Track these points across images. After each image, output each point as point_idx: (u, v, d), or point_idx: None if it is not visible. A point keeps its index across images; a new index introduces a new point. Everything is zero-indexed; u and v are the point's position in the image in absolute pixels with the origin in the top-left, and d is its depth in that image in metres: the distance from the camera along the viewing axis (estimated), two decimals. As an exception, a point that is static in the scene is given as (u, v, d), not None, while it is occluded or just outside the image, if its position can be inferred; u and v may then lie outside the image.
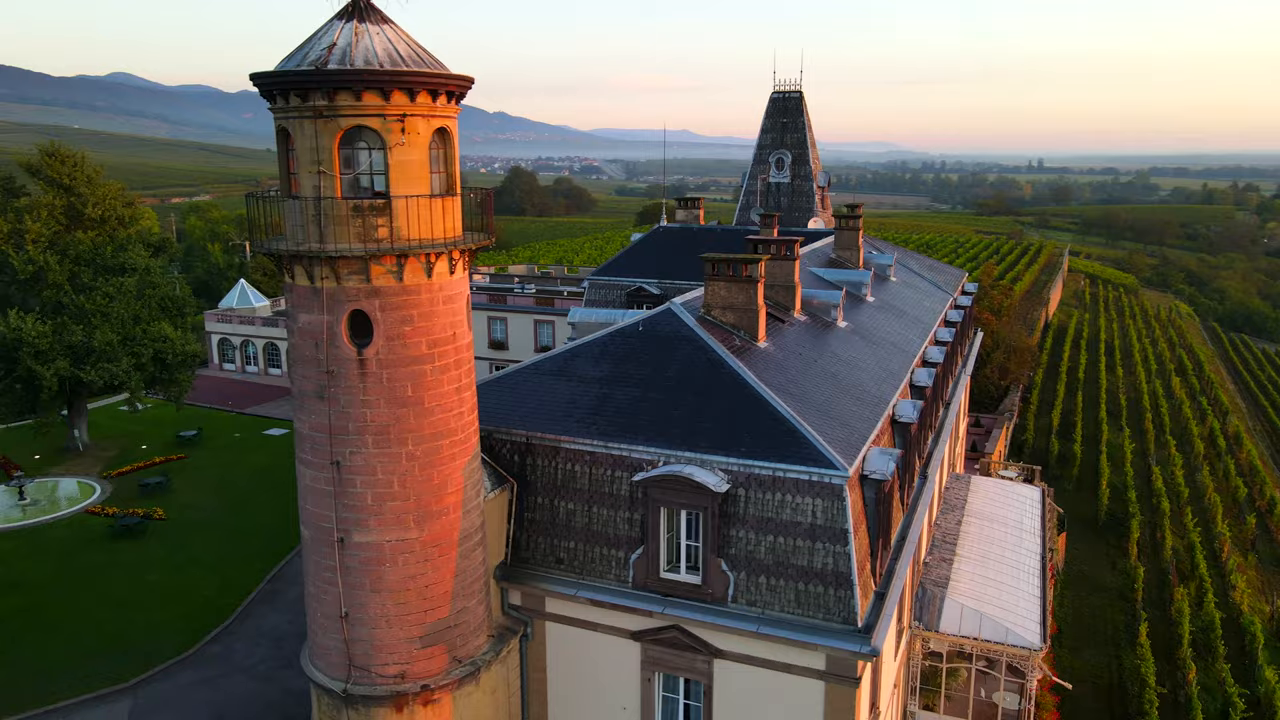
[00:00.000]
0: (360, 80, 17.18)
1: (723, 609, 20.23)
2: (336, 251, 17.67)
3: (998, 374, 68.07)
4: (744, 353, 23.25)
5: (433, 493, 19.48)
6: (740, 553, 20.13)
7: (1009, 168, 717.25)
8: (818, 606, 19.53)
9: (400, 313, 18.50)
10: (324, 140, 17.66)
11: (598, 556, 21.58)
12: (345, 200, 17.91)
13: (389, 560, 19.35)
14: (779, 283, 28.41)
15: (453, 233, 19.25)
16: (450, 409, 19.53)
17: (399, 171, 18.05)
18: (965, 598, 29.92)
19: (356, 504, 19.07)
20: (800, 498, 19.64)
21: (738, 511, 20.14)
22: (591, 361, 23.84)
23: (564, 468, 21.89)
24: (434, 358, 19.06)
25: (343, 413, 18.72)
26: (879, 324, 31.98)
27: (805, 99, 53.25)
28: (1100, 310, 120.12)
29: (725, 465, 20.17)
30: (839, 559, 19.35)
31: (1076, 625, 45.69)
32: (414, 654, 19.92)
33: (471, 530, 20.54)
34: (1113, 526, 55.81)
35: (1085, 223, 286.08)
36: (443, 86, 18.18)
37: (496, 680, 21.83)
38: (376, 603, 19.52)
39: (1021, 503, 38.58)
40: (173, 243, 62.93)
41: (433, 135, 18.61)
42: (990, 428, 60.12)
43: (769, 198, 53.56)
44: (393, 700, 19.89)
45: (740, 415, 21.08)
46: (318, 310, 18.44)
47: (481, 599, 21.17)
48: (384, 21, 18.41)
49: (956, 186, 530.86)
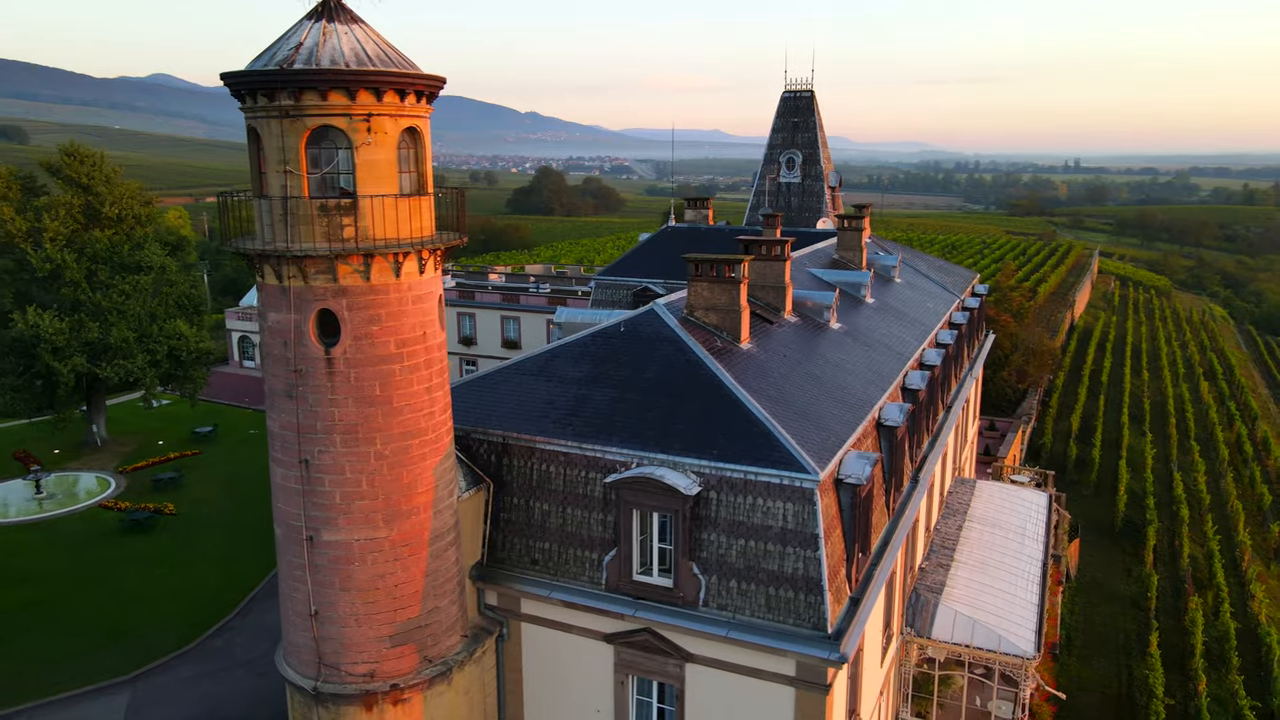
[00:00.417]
0: (325, 80, 17.21)
1: (694, 613, 20.04)
2: (301, 251, 17.72)
3: (1015, 377, 67.11)
4: (724, 354, 23.03)
5: (402, 492, 19.48)
6: (712, 556, 19.94)
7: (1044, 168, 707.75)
8: (788, 612, 19.29)
9: (368, 312, 18.51)
10: (290, 140, 17.71)
11: (572, 558, 21.49)
12: (312, 200, 17.95)
13: (357, 559, 19.38)
14: (769, 284, 28.14)
15: (423, 232, 19.23)
16: (420, 409, 19.52)
17: (366, 171, 18.06)
18: (959, 604, 29.48)
19: (325, 502, 19.12)
20: (771, 501, 19.41)
21: (709, 514, 19.95)
22: (572, 362, 23.75)
23: (539, 468, 21.82)
24: (403, 357, 19.06)
25: (311, 411, 18.77)
26: (875, 326, 31.59)
27: (816, 98, 52.81)
28: (1129, 313, 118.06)
29: (697, 468, 19.99)
30: (809, 564, 19.09)
31: (1087, 633, 44.89)
32: (384, 653, 19.94)
33: (443, 530, 20.52)
34: (1129, 533, 54.81)
35: (1120, 223, 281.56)
36: (410, 86, 18.17)
37: (471, 680, 21.81)
38: (345, 601, 19.57)
39: (1027, 508, 37.96)
40: (190, 242, 63.71)
41: (401, 135, 18.61)
42: (1005, 431, 59.27)
43: (779, 198, 53.15)
44: (362, 699, 19.92)
45: (715, 417, 20.88)
46: (285, 309, 18.51)
47: (455, 599, 21.15)
48: (354, 21, 18.43)
49: (990, 187, 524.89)
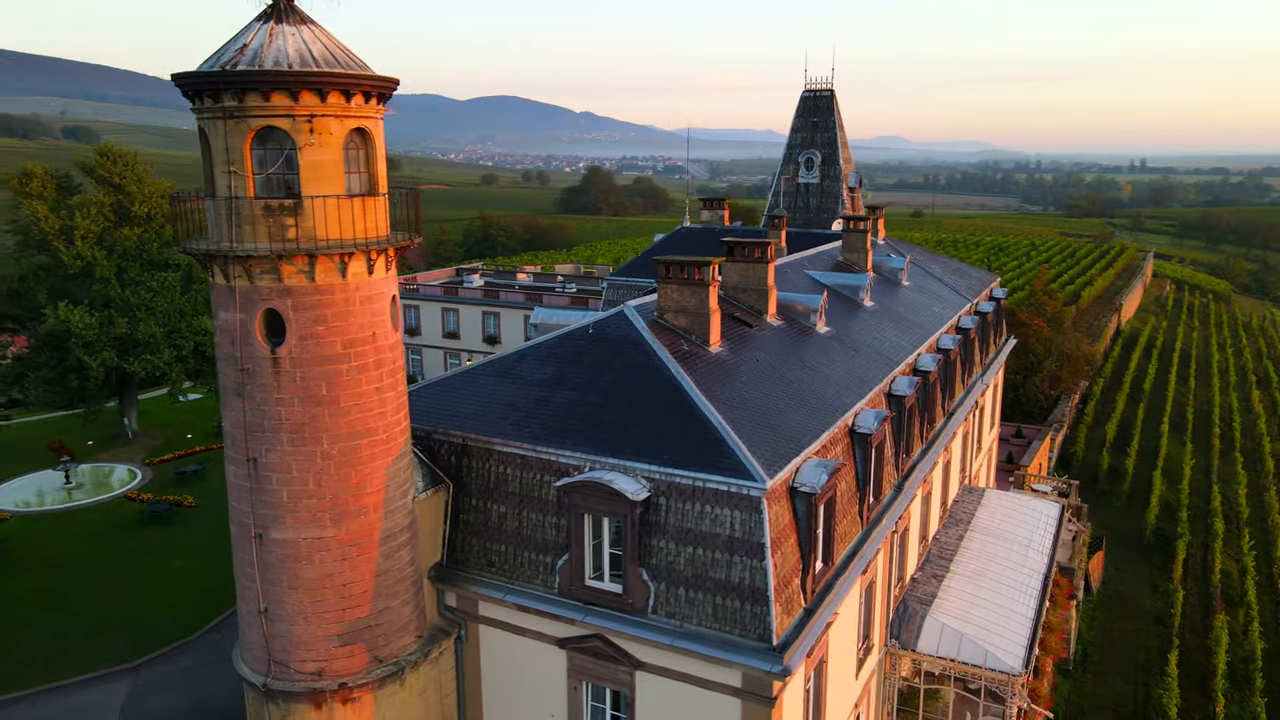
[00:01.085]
0: (266, 81, 17.30)
1: (642, 620, 19.76)
2: (244, 251, 17.85)
3: (1048, 383, 65.37)
4: (689, 358, 22.70)
5: (350, 492, 19.52)
6: (661, 563, 19.64)
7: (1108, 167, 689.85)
8: (734, 622, 18.91)
9: (313, 312, 18.57)
10: (234, 140, 17.85)
11: (527, 561, 21.36)
12: (257, 200, 18.07)
13: (305, 558, 19.47)
14: (752, 286, 27.69)
15: (372, 233, 19.24)
16: (369, 409, 19.54)
17: (311, 172, 18.12)
18: (948, 616, 28.75)
19: (273, 501, 19.25)
20: (719, 509, 19.05)
21: (659, 520, 19.66)
22: (538, 363, 23.62)
23: (496, 470, 21.72)
24: (350, 357, 19.09)
25: (258, 410, 18.91)
26: (868, 330, 30.92)
27: (836, 97, 51.94)
28: (1181, 317, 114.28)
29: (648, 473, 19.70)
30: (755, 574, 18.69)
31: (1106, 650, 43.57)
32: (332, 652, 20.01)
33: (396, 530, 20.53)
34: (1159, 546, 53.11)
35: (1183, 225, 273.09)
36: (356, 87, 18.20)
37: (426, 681, 21.79)
38: (294, 599, 19.68)
39: (1035, 519, 36.87)
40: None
41: (349, 136, 18.65)
42: (1031, 439, 57.72)
43: (797, 198, 52.41)
44: (310, 697, 20.02)
45: (670, 422, 20.57)
46: (233, 309, 18.67)
47: (408, 599, 21.15)
48: (303, 22, 18.50)
49: (1050, 187, 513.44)
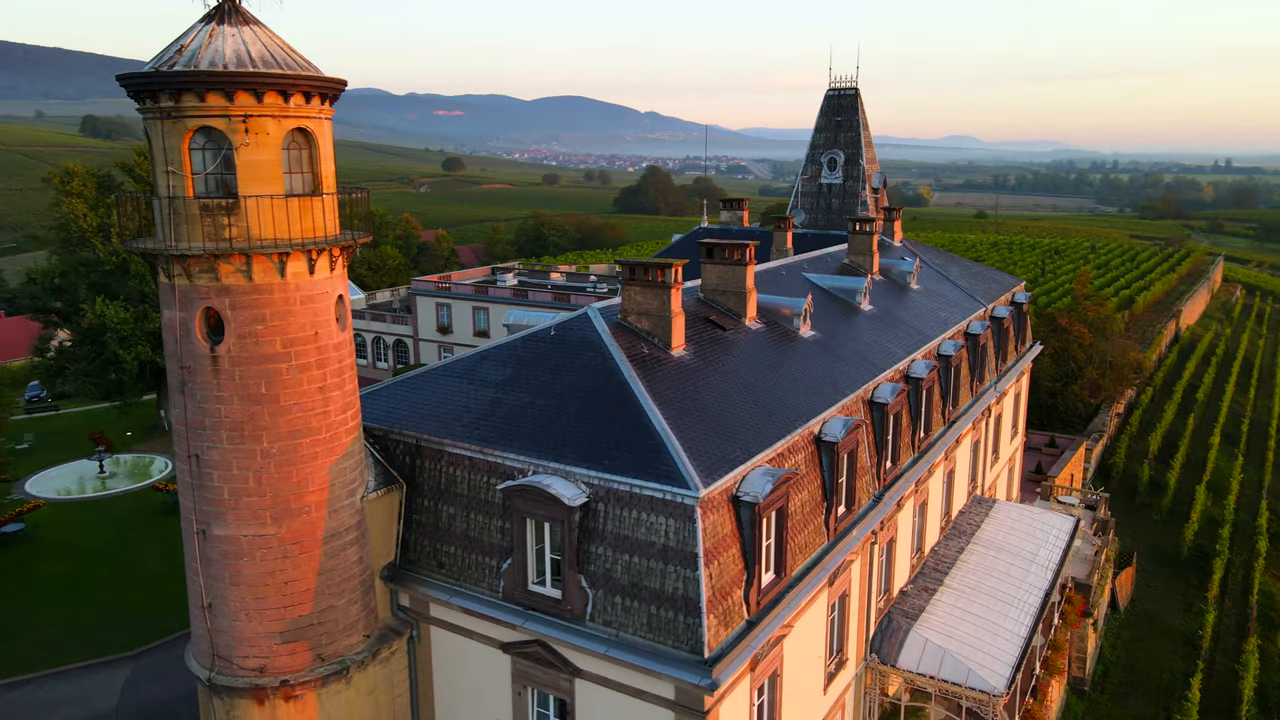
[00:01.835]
0: (199, 81, 17.44)
1: (580, 627, 19.47)
2: (179, 250, 18.03)
3: (1088, 391, 63.11)
4: (646, 361, 22.30)
5: (291, 490, 19.61)
6: (599, 570, 19.32)
7: (1190, 167, 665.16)
8: (667, 632, 18.49)
9: (251, 311, 18.69)
10: (172, 140, 18.05)
11: (474, 564, 21.23)
12: (195, 200, 18.25)
13: (246, 555, 19.62)
14: (731, 288, 27.14)
15: (314, 233, 19.29)
16: (311, 408, 19.60)
17: (247, 171, 18.23)
18: (934, 632, 27.85)
19: (214, 498, 19.44)
20: (654, 516, 18.66)
21: (597, 527, 19.34)
22: (497, 365, 23.48)
23: (447, 471, 21.64)
24: (290, 356, 19.16)
25: (199, 407, 19.11)
26: (858, 334, 30.09)
27: (861, 96, 50.76)
28: (1249, 325, 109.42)
29: (587, 478, 19.40)
30: (688, 584, 18.25)
31: (1128, 670, 41.92)
32: (274, 649, 20.13)
33: (341, 529, 20.57)
34: (1197, 564, 50.87)
35: (1264, 228, 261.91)
36: (293, 87, 18.25)
37: (375, 681, 21.81)
38: (235, 596, 19.85)
39: (1044, 533, 35.53)
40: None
41: (289, 136, 18.73)
42: (1065, 448, 55.76)
43: (819, 199, 51.43)
44: (253, 693, 20.17)
45: (615, 427, 20.23)
46: (174, 307, 18.90)
47: (355, 598, 21.18)
48: (246, 23, 18.63)
49: (1126, 188, 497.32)
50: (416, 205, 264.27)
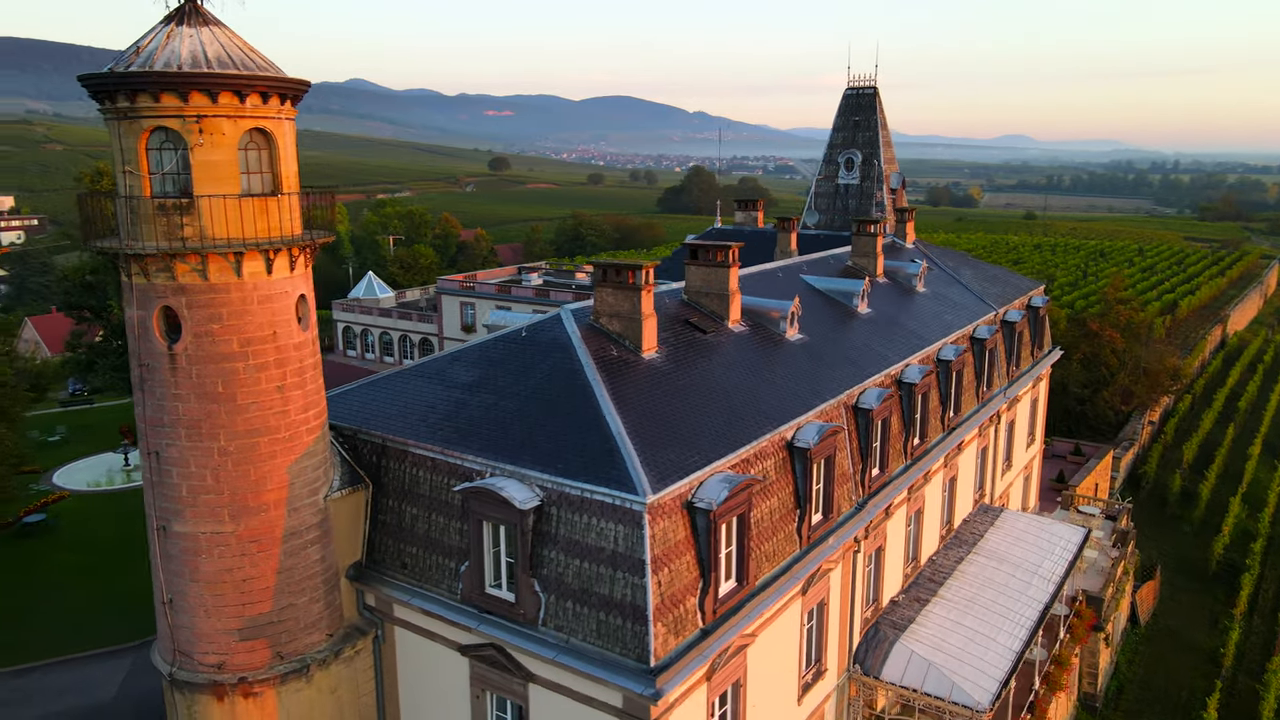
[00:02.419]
0: (152, 82, 17.59)
1: (532, 632, 19.29)
2: (134, 249, 18.21)
3: (1119, 398, 61.31)
4: (614, 364, 22.03)
5: (250, 489, 19.71)
6: (552, 574, 19.12)
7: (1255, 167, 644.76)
8: (616, 639, 18.23)
9: (208, 310, 18.81)
10: (128, 141, 18.24)
11: (434, 565, 21.16)
12: (152, 199, 18.41)
13: (204, 552, 19.77)
14: (714, 290, 26.74)
15: (271, 233, 19.34)
16: (270, 407, 19.67)
17: (203, 171, 18.36)
18: (921, 644, 27.19)
19: (173, 495, 19.62)
20: (604, 522, 18.40)
21: (550, 531, 19.14)
22: (467, 366, 23.40)
23: (411, 472, 21.61)
24: (248, 355, 19.26)
25: (158, 405, 19.30)
26: (850, 337, 29.48)
27: (879, 95, 49.90)
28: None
29: (541, 481, 19.21)
30: (636, 591, 17.96)
31: (1144, 687, 40.67)
32: (233, 646, 20.26)
33: (301, 528, 20.63)
34: (1225, 578, 49.10)
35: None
36: (249, 88, 18.32)
37: (338, 680, 21.84)
38: (194, 592, 20.02)
39: (1051, 544, 34.51)
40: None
41: (247, 136, 18.81)
42: (1090, 457, 54.23)
43: (836, 199, 50.63)
44: (212, 689, 20.32)
45: (573, 430, 20.01)
46: (134, 305, 19.10)
47: (317, 597, 21.23)
48: (205, 24, 18.76)
49: (1187, 188, 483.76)
50: (461, 205, 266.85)
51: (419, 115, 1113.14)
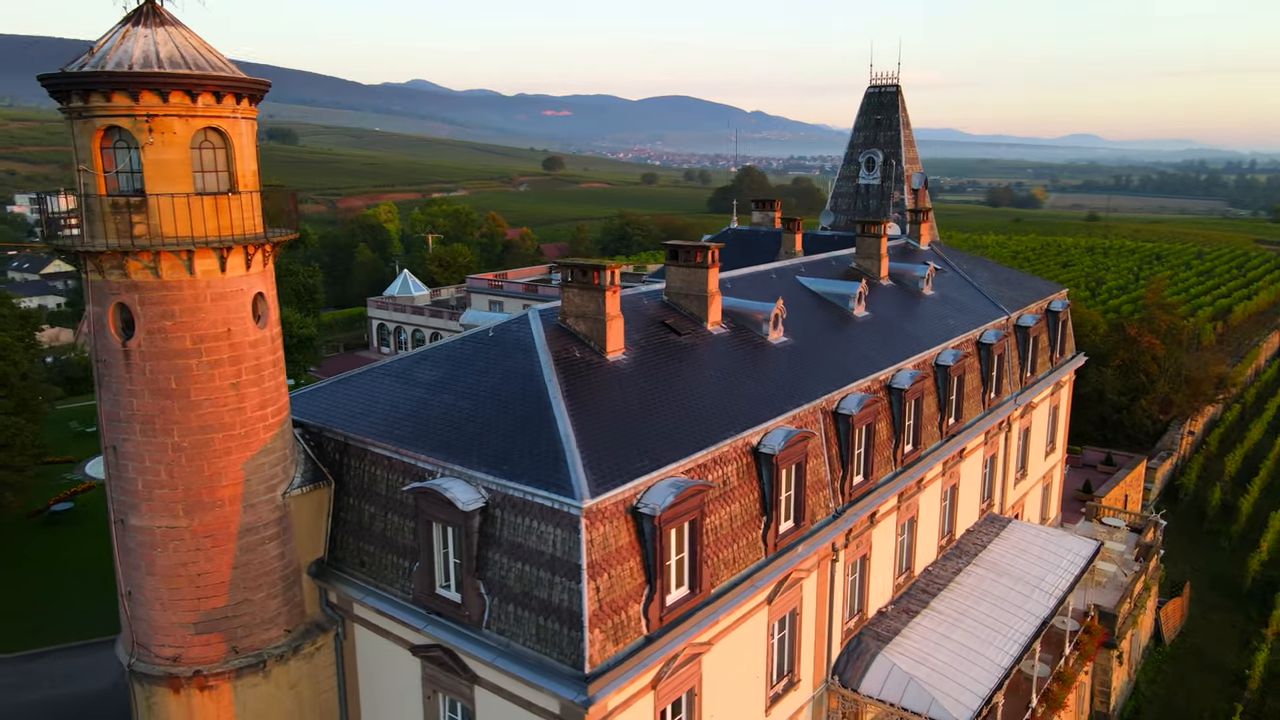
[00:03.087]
0: (102, 81, 17.85)
1: (475, 634, 19.17)
2: (89, 246, 18.50)
3: (1158, 407, 59.15)
4: (575, 366, 21.79)
5: (204, 484, 19.90)
6: (495, 577, 18.96)
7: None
8: (553, 644, 18.01)
9: (160, 307, 19.03)
10: (83, 140, 18.53)
11: (390, 564, 21.17)
12: (107, 197, 18.69)
13: (160, 546, 20.02)
14: (693, 292, 26.32)
15: (226, 231, 19.49)
16: (224, 404, 19.84)
17: (154, 170, 18.57)
18: (904, 657, 26.47)
19: (129, 489, 19.91)
20: (544, 525, 18.18)
21: (495, 533, 18.98)
22: (433, 365, 23.36)
23: (369, 471, 21.64)
24: (201, 352, 19.44)
25: (115, 400, 19.60)
26: (838, 341, 28.80)
27: (902, 93, 48.84)
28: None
29: (487, 483, 19.07)
30: (572, 596, 17.71)
31: (1165, 708, 39.21)
32: (188, 639, 20.49)
33: (258, 525, 20.78)
34: (1260, 596, 47.07)
35: None
36: (199, 87, 18.49)
37: (297, 676, 21.96)
38: (151, 585, 20.30)
39: (1057, 557, 33.34)
40: (311, 235, 68.45)
41: (200, 135, 18.97)
42: (1121, 467, 52.40)
43: (856, 200, 49.68)
44: (168, 681, 20.58)
45: (524, 431, 19.83)
46: (92, 301, 19.43)
47: (275, 593, 21.36)
48: (162, 24, 18.98)
49: (1263, 189, 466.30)
50: (513, 204, 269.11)
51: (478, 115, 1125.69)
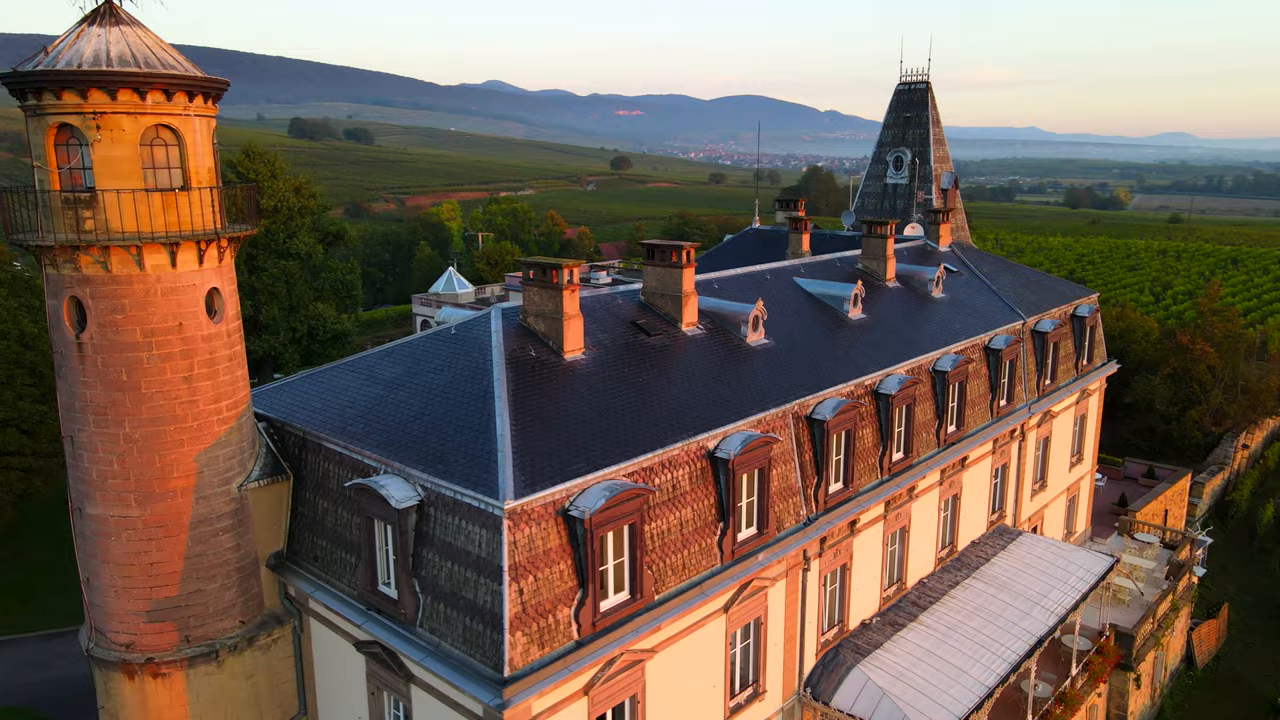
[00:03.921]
0: (50, 80, 18.28)
1: (410, 632, 19.13)
2: (43, 241, 18.96)
3: (1210, 418, 56.34)
4: (529, 365, 21.58)
5: (155, 475, 20.25)
6: (429, 575, 18.88)
7: None
8: (477, 646, 17.84)
9: (110, 301, 19.41)
10: (37, 136, 19.01)
11: (339, 560, 21.27)
12: (60, 193, 19.15)
13: (113, 534, 20.44)
14: (668, 291, 25.88)
15: (177, 227, 19.78)
16: (176, 396, 20.15)
17: (104, 167, 18.94)
18: (881, 671, 25.65)
19: (85, 478, 20.37)
20: (472, 525, 18.02)
21: (429, 531, 18.90)
22: (395, 362, 23.41)
23: (323, 465, 21.78)
24: (152, 346, 19.77)
25: (70, 391, 20.07)
26: (826, 344, 27.97)
27: (932, 90, 47.41)
28: None
29: (423, 481, 19.00)
30: (494, 598, 17.52)
31: (1190, 735, 37.14)
32: (141, 626, 20.89)
33: (211, 516, 21.06)
34: (1308, 621, 44.37)
35: None
36: (147, 85, 18.80)
37: (253, 667, 22.23)
38: (106, 573, 20.73)
39: (1066, 573, 31.91)
40: (350, 234, 69.51)
41: (152, 132, 19.29)
42: (1163, 480, 50.01)
43: (884, 200, 48.41)
44: (122, 667, 21.02)
45: (464, 430, 19.70)
46: (49, 295, 19.93)
47: (230, 584, 21.64)
48: (118, 24, 19.36)
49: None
50: (579, 203, 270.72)
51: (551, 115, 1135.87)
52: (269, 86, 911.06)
